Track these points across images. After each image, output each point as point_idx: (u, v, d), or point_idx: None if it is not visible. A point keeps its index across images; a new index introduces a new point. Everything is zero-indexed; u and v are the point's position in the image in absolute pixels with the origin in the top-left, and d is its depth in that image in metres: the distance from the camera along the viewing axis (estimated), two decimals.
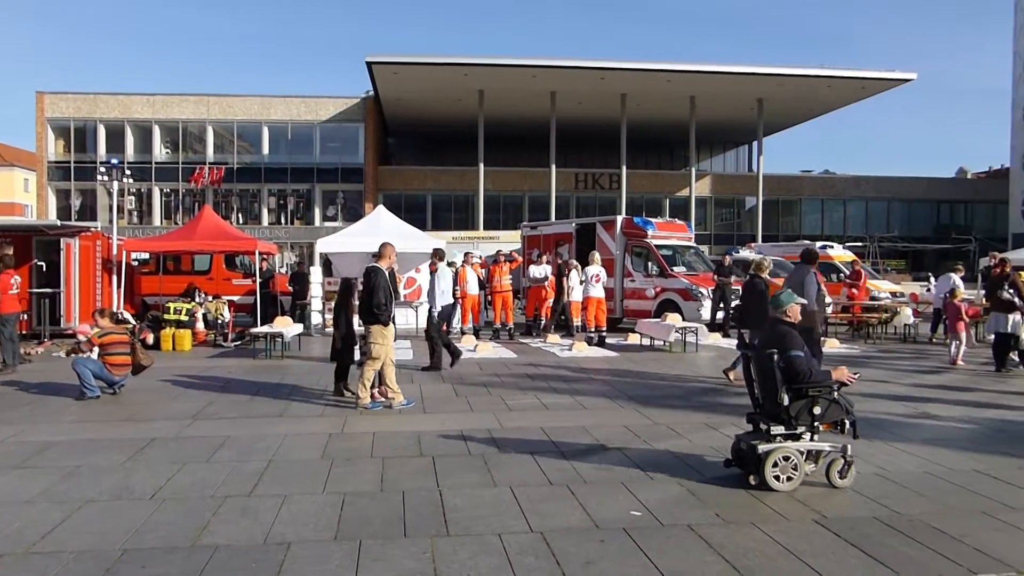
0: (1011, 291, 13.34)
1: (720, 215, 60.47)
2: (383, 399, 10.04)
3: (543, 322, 19.11)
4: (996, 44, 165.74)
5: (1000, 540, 5.14)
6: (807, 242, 30.46)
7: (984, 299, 15.43)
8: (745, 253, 26.71)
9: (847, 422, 6.37)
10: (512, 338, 18.31)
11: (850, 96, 51.92)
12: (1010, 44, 66.22)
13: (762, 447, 6.25)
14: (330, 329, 12.71)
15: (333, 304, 11.48)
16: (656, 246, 20.39)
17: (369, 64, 45.02)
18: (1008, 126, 66.07)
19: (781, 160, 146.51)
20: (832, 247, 26.86)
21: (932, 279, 28.22)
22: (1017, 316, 13.24)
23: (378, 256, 10.09)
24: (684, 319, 17.41)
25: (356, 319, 10.88)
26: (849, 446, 6.40)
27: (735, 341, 17.49)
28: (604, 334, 17.55)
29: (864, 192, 62.29)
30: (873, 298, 21.94)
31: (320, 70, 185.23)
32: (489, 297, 19.50)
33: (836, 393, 6.38)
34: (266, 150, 54.09)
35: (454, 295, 18.54)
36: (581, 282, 18.03)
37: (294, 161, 53.80)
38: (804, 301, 7.26)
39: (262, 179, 53.73)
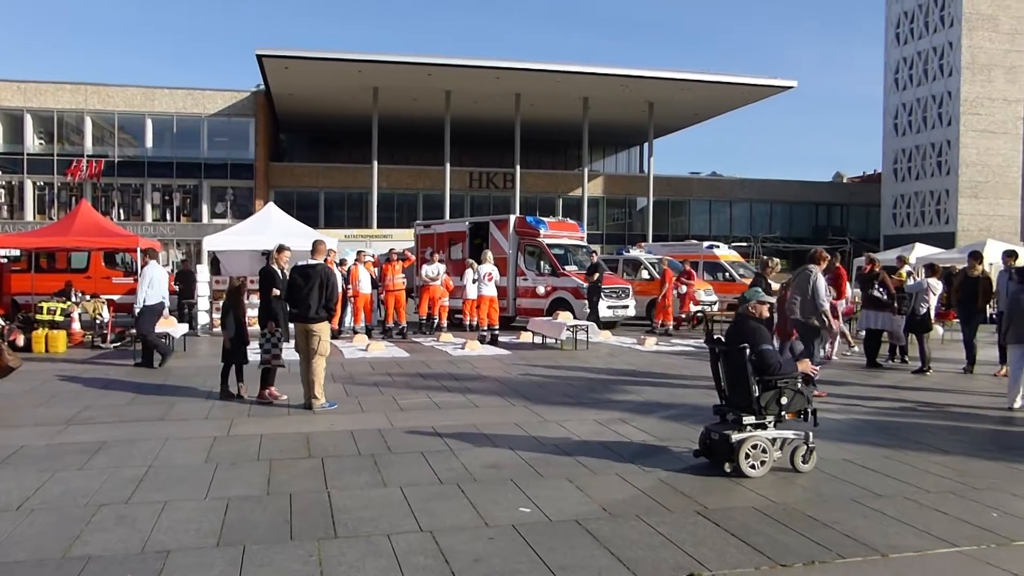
0: (881, 290, 14.07)
1: (612, 215, 61.65)
2: (272, 399, 9.87)
3: (436, 321, 19.08)
4: (871, 56, 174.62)
5: (867, 526, 5.43)
6: (695, 242, 31.38)
7: (858, 297, 16.20)
8: (635, 253, 27.32)
9: (809, 410, 6.86)
10: (404, 337, 18.20)
11: (736, 101, 53.74)
12: (882, 56, 69.95)
13: (735, 436, 6.64)
14: (217, 329, 12.36)
15: (221, 304, 11.13)
16: (548, 245, 20.63)
17: (259, 57, 43.88)
18: (880, 133, 69.87)
19: (671, 162, 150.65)
20: (718, 247, 27.74)
21: None
22: (887, 313, 13.98)
23: (314, 252, 9.99)
24: (576, 317, 17.68)
25: (248, 318, 10.64)
26: (811, 433, 6.84)
27: (626, 339, 17.90)
28: (496, 332, 17.64)
29: (749, 194, 64.66)
30: None
31: (207, 62, 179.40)
32: (381, 296, 19.32)
33: (800, 384, 6.84)
34: (150, 143, 52.00)
35: (345, 294, 18.34)
36: (474, 281, 18.06)
37: (180, 155, 51.91)
38: (771, 300, 7.67)
39: (145, 173, 51.60)
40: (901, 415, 9.59)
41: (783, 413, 6.75)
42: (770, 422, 6.76)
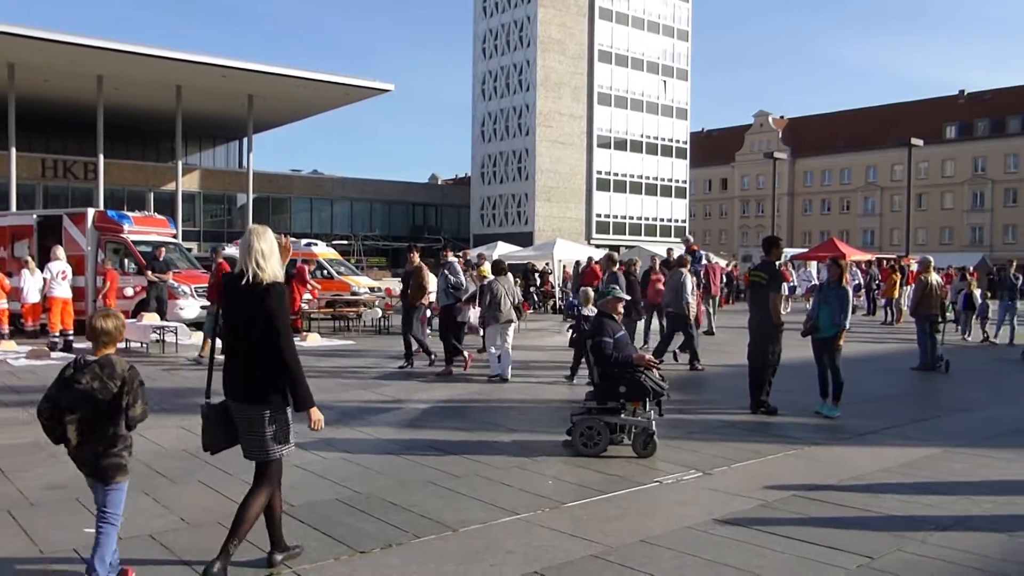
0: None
1: (210, 211, 59.03)
2: None
3: None
4: (463, 66, 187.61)
5: (442, 505, 5.84)
6: (294, 239, 31.17)
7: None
8: (231, 251, 26.39)
9: (649, 400, 7.35)
10: None
11: (335, 100, 54.24)
12: (471, 68, 75.52)
13: (576, 417, 7.37)
14: None
15: None
16: (134, 242, 19.13)
17: None
18: (470, 139, 75.39)
19: (273, 158, 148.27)
20: (316, 244, 27.87)
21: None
22: (476, 310, 15.10)
23: None
24: (165, 319, 16.65)
25: None
26: (653, 422, 7.19)
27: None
28: (71, 338, 15.94)
29: (349, 193, 65.93)
30: (354, 293, 23.32)
31: None
32: None
33: (643, 376, 7.27)
34: None
35: None
36: (45, 281, 16.14)
37: None
38: (627, 297, 8.62)
39: None
40: (473, 402, 10.42)
41: (623, 401, 7.27)
42: (616, 407, 7.26)
